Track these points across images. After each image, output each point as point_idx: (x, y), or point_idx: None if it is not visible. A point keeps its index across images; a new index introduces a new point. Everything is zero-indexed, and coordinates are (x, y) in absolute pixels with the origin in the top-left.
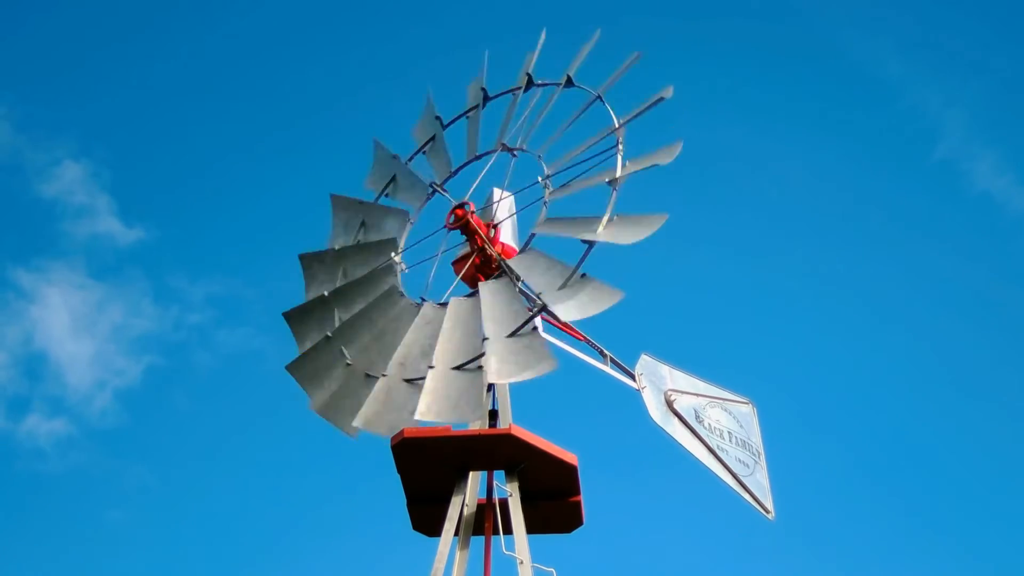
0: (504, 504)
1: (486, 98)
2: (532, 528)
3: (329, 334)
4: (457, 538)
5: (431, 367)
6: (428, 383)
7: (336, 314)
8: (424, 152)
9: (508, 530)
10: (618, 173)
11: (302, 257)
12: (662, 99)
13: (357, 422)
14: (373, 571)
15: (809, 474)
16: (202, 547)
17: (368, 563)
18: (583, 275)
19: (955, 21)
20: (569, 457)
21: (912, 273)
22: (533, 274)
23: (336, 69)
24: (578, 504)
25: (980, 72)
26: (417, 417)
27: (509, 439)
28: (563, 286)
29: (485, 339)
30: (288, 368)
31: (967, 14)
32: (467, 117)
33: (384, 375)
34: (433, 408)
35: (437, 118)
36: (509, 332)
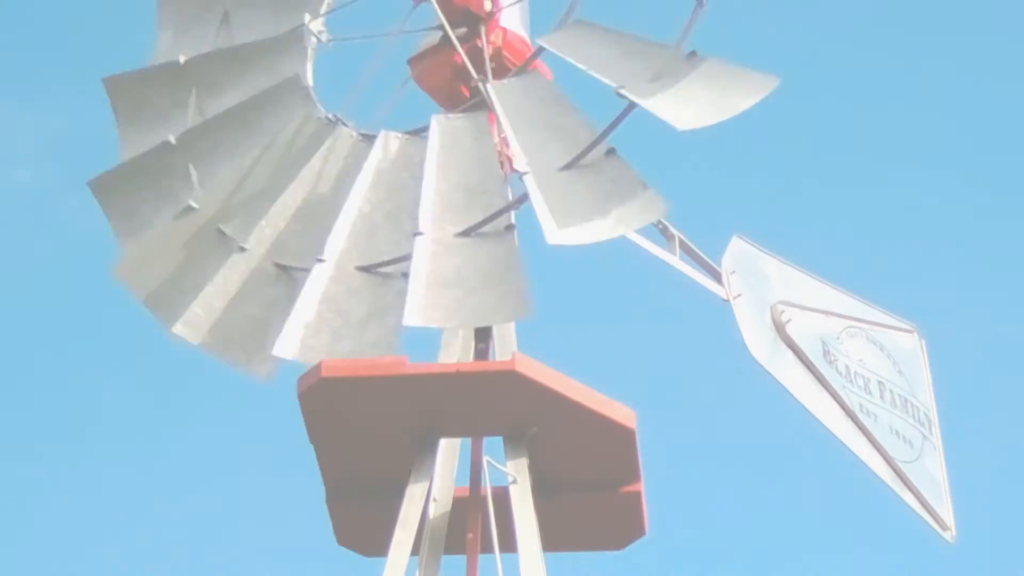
0: (503, 498)
1: None
2: (553, 542)
3: (194, 204)
4: (417, 559)
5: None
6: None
7: (193, 173)
8: None
9: (510, 545)
10: None
11: (108, 82)
12: None
13: (282, 350)
14: None
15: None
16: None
17: None
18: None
19: None
20: (620, 414)
21: None
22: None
23: None
24: (637, 498)
25: None
26: (406, 323)
27: (513, 379)
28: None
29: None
30: (115, 272)
31: None
32: None
33: (321, 260)
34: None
35: None
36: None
